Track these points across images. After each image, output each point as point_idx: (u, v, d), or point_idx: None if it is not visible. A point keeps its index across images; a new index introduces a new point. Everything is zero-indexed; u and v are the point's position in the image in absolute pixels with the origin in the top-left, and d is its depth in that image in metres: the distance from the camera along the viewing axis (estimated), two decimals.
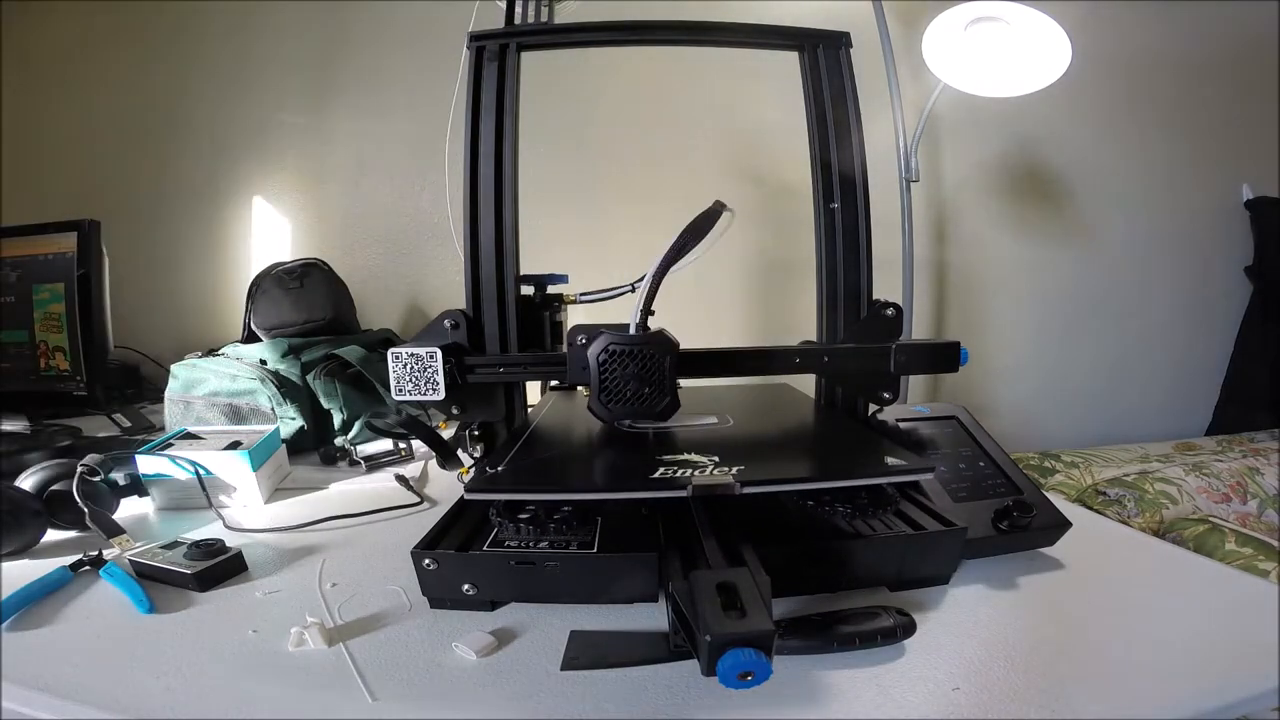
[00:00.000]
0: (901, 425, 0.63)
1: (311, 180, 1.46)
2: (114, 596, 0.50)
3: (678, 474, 0.45)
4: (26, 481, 0.62)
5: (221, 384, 0.89)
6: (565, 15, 0.73)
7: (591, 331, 0.53)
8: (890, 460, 0.47)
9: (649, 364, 0.51)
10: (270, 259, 1.30)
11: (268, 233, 1.47)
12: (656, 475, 0.45)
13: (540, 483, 0.48)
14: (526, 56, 0.59)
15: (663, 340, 0.52)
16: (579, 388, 0.86)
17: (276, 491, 0.76)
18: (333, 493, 0.76)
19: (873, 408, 0.63)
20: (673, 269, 0.57)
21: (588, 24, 0.61)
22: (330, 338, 1.03)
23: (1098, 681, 0.39)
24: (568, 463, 0.56)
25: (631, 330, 0.52)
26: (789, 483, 0.46)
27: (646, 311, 0.52)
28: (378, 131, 1.43)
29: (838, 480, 0.47)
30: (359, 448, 0.86)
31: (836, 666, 0.40)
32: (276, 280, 1.09)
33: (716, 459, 0.48)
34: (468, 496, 0.46)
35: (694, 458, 0.48)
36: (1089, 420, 1.67)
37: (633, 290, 0.60)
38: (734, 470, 0.45)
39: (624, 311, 0.58)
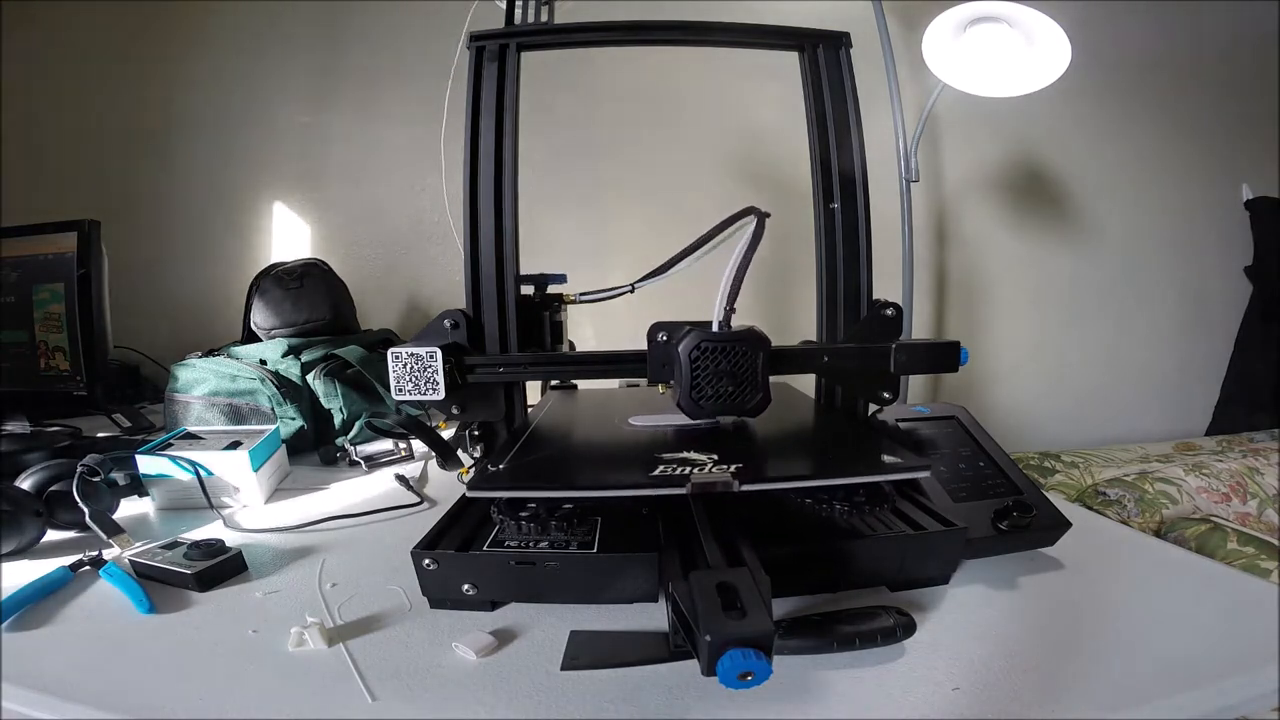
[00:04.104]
0: (901, 425, 0.63)
1: (311, 180, 1.46)
2: (114, 596, 0.50)
3: (677, 471, 0.45)
4: (26, 481, 0.62)
5: (221, 384, 0.89)
6: (565, 15, 0.73)
7: (672, 329, 0.53)
8: (887, 458, 0.47)
9: (741, 360, 0.51)
10: (270, 259, 1.30)
11: (268, 233, 1.47)
12: (656, 473, 0.45)
13: (541, 480, 0.48)
14: (526, 56, 0.59)
15: (755, 336, 0.52)
16: (578, 387, 0.87)
17: (276, 491, 0.76)
18: (333, 493, 0.76)
19: (873, 407, 0.63)
20: (675, 269, 0.57)
21: (588, 24, 0.61)
22: (330, 338, 1.03)
23: (1098, 681, 0.39)
24: (568, 461, 0.56)
25: (715, 327, 0.52)
26: (787, 480, 0.46)
27: (731, 309, 0.52)
28: (378, 132, 1.44)
29: (835, 478, 0.47)
30: (359, 448, 0.86)
31: (836, 666, 0.40)
32: (276, 280, 1.09)
33: (716, 457, 0.48)
34: (470, 494, 0.46)
35: (693, 456, 0.48)
36: (1089, 420, 1.67)
37: (632, 290, 0.60)
38: (733, 468, 0.45)
39: (626, 311, 0.58)
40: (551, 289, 0.65)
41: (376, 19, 1.41)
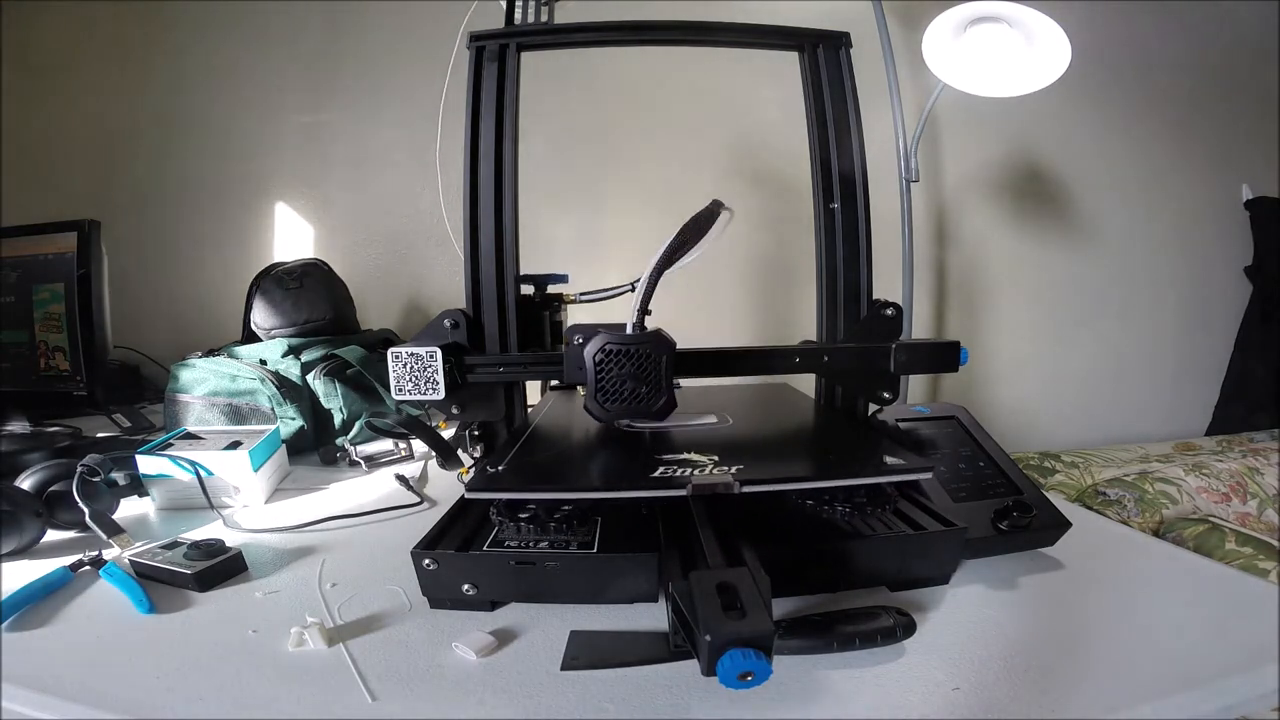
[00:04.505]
0: (901, 425, 0.63)
1: (312, 180, 1.46)
2: (114, 596, 0.50)
3: (677, 473, 0.45)
4: (26, 481, 0.62)
5: (221, 384, 0.89)
6: (565, 15, 0.73)
7: (588, 331, 0.53)
8: (889, 460, 0.47)
9: (645, 363, 0.51)
10: (271, 259, 1.30)
11: (269, 233, 1.47)
12: (656, 474, 0.45)
13: (541, 482, 0.48)
14: (526, 56, 0.59)
15: (659, 339, 0.52)
16: (579, 387, 0.86)
17: (276, 491, 0.76)
18: (333, 493, 0.76)
19: (873, 407, 0.63)
20: (673, 268, 0.57)
21: (588, 24, 0.61)
22: (330, 338, 1.03)
23: (1098, 681, 0.39)
24: (568, 462, 0.56)
25: (628, 330, 0.52)
26: (788, 482, 0.46)
27: (644, 311, 0.52)
28: (378, 131, 1.43)
29: (836, 480, 0.47)
30: (359, 448, 0.86)
31: (836, 666, 0.40)
32: (276, 280, 1.09)
33: (716, 458, 0.48)
34: (469, 495, 0.46)
35: (693, 457, 0.48)
36: (1089, 420, 1.67)
37: (632, 290, 0.59)
38: (733, 469, 0.45)
39: (624, 311, 0.58)
40: (551, 289, 0.65)
41: (377, 18, 1.41)
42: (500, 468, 0.48)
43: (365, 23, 1.41)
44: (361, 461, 0.84)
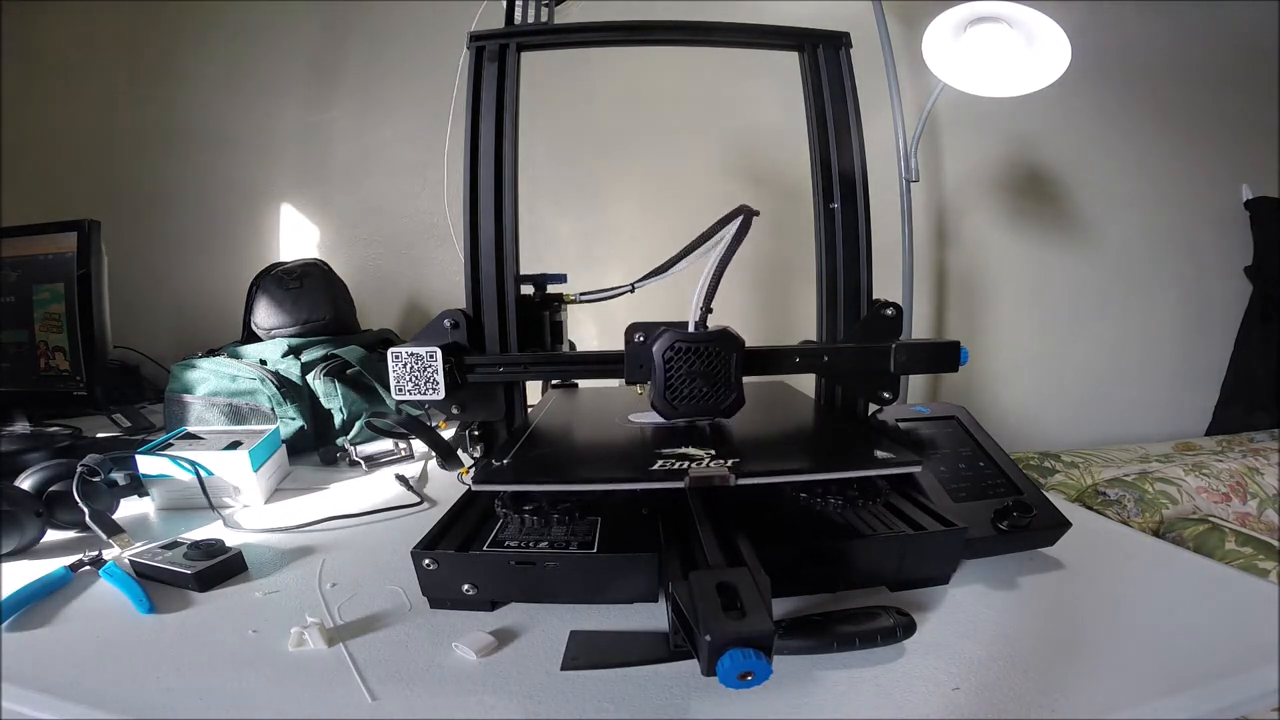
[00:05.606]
0: (901, 425, 0.63)
1: (311, 180, 1.46)
2: (114, 596, 0.50)
3: (675, 466, 0.45)
4: (26, 481, 0.62)
5: (221, 384, 0.89)
6: (565, 15, 0.73)
7: (649, 329, 0.53)
8: (879, 453, 0.48)
9: (715, 361, 0.51)
10: (273, 258, 1.30)
11: (269, 232, 1.47)
12: (655, 468, 0.45)
13: (543, 476, 0.49)
14: (526, 56, 0.59)
15: (729, 337, 0.52)
16: (579, 385, 0.87)
17: (276, 491, 0.76)
18: (333, 493, 0.76)
19: (873, 407, 0.63)
20: (674, 270, 0.57)
21: (588, 24, 0.60)
22: (330, 338, 1.03)
23: (1098, 681, 0.39)
24: (568, 458, 0.56)
25: (691, 328, 0.52)
26: (782, 474, 0.46)
27: (707, 309, 0.52)
28: (378, 131, 1.44)
29: (828, 472, 0.47)
30: (359, 448, 0.86)
31: (836, 666, 0.40)
32: (276, 280, 1.09)
33: (713, 453, 0.48)
34: (475, 488, 0.46)
35: (691, 451, 0.48)
36: (1089, 420, 1.67)
37: (632, 290, 0.60)
38: (729, 463, 0.45)
39: (626, 311, 0.58)
40: (551, 289, 0.65)
41: (378, 18, 1.41)
42: (505, 461, 0.49)
43: (366, 23, 1.41)
44: (361, 461, 0.84)
